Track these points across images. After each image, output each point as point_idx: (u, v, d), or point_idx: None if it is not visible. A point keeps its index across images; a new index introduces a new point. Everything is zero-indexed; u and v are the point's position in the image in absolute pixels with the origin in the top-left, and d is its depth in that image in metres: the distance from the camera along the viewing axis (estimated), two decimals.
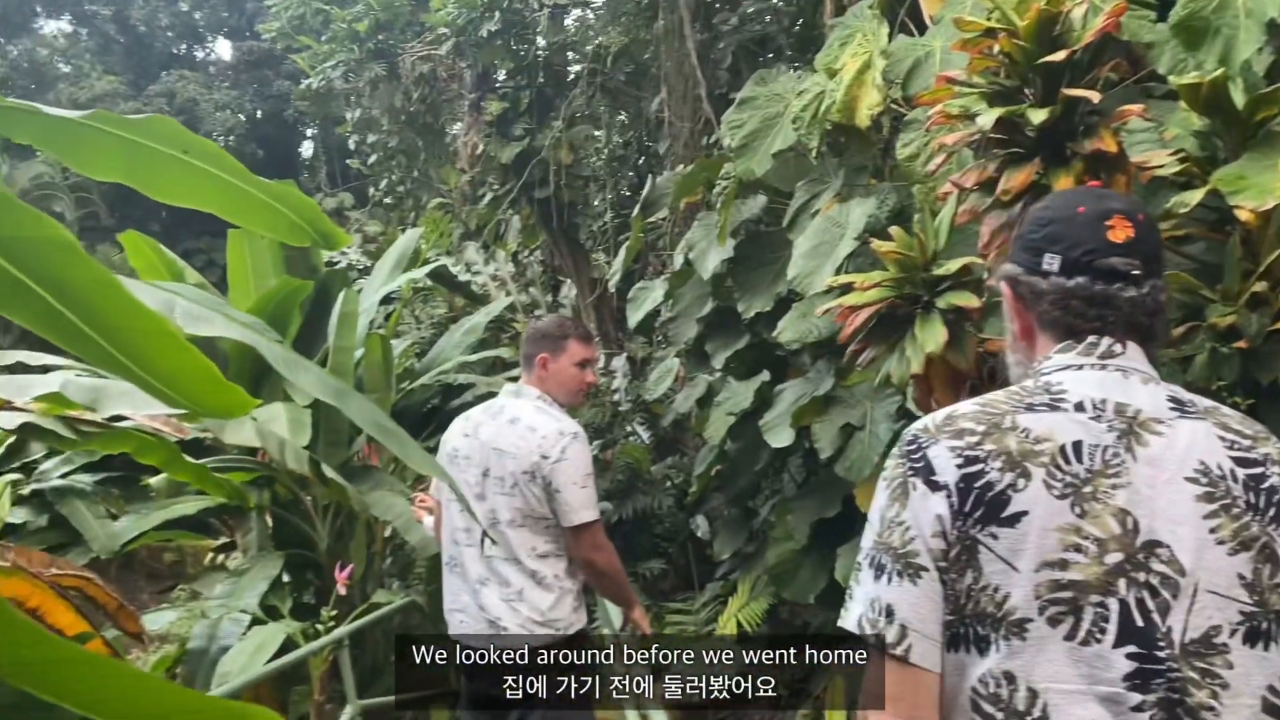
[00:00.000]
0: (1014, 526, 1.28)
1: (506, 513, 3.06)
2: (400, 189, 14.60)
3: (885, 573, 1.33)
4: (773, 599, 5.69)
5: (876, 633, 1.31)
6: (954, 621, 1.31)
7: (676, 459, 8.40)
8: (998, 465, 1.30)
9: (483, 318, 7.66)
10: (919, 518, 1.33)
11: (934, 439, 1.37)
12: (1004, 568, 1.28)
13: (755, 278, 5.29)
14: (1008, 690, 1.26)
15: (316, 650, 4.32)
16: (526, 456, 3.03)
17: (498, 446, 3.08)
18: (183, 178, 1.95)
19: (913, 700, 1.31)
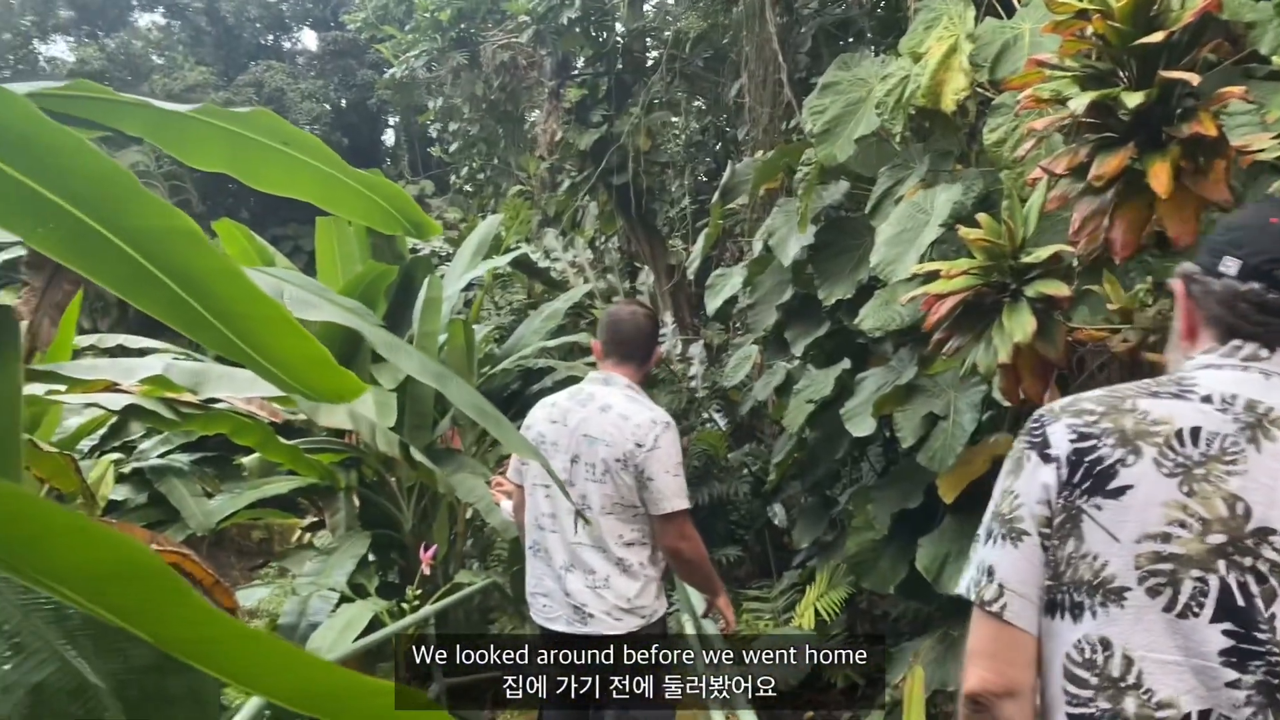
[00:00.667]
0: (1118, 499, 1.32)
1: (596, 500, 3.07)
2: (480, 176, 14.77)
3: (992, 537, 1.42)
4: (851, 588, 5.66)
5: (978, 592, 1.40)
6: (1053, 587, 1.36)
7: (753, 446, 8.39)
8: (1110, 442, 1.35)
9: (562, 304, 7.74)
10: (1028, 486, 1.39)
11: (1056, 418, 1.43)
12: (1105, 537, 1.32)
13: (836, 264, 5.24)
14: (1103, 656, 1.30)
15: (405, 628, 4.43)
16: (620, 444, 3.04)
17: (588, 433, 3.09)
18: (282, 168, 2.02)
19: (1008, 658, 1.36)
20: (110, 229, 0.92)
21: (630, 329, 3.28)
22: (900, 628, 6.11)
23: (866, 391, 4.86)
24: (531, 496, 3.20)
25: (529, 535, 3.21)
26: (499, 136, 13.78)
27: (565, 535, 3.10)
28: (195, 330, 1.05)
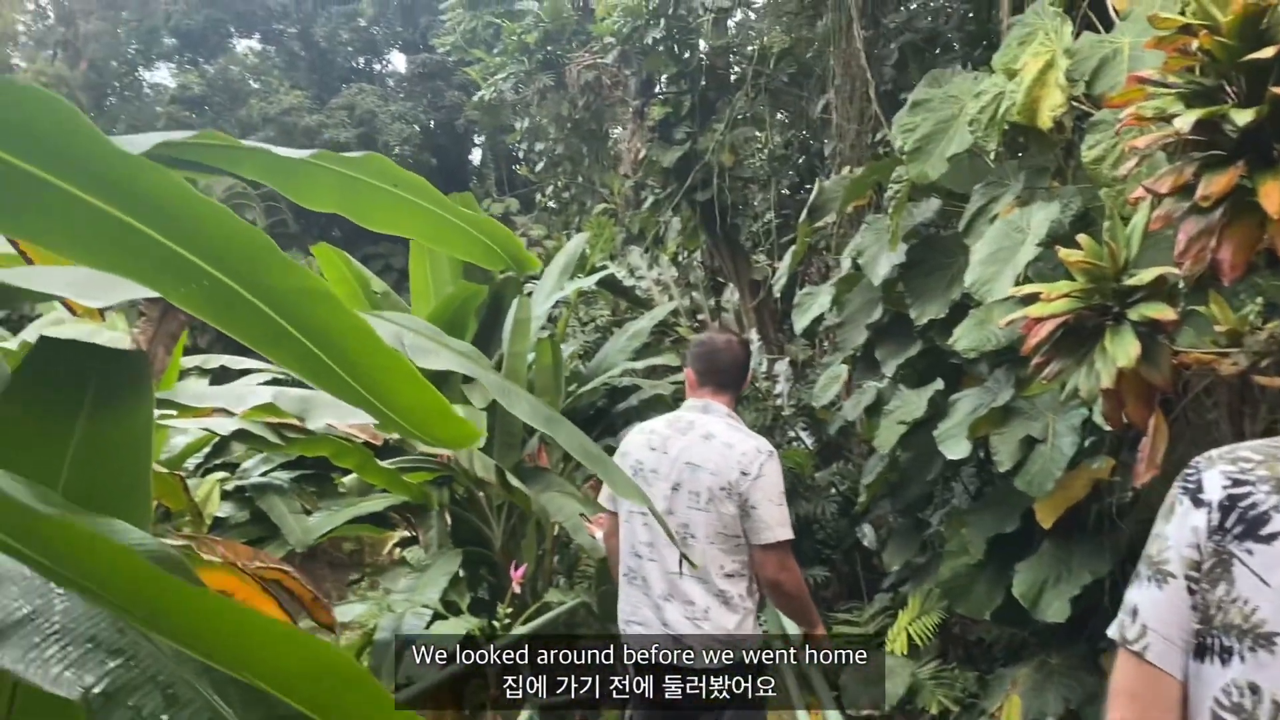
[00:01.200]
0: (1270, 544, 1.30)
1: (700, 528, 3.05)
2: (565, 195, 14.94)
3: (1139, 579, 1.42)
4: (945, 613, 5.55)
5: (1121, 631, 1.40)
6: (1202, 631, 1.35)
7: (841, 465, 8.29)
8: (1266, 489, 1.34)
9: (647, 322, 7.77)
10: (1178, 530, 1.39)
11: (1211, 464, 1.42)
12: (1256, 583, 1.30)
13: (928, 283, 5.17)
14: (1251, 701, 1.28)
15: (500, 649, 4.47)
16: (725, 472, 3.03)
17: (691, 460, 3.08)
18: (391, 209, 2.09)
19: (1148, 698, 1.36)
20: (248, 289, 0.96)
21: (728, 358, 3.29)
22: (994, 653, 5.98)
23: (961, 413, 4.78)
24: (628, 524, 3.19)
25: (624, 562, 3.20)
26: (583, 155, 13.94)
27: (664, 565, 3.07)
28: (322, 380, 1.09)
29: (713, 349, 3.31)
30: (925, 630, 5.55)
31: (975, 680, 5.58)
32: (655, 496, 3.06)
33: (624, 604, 3.21)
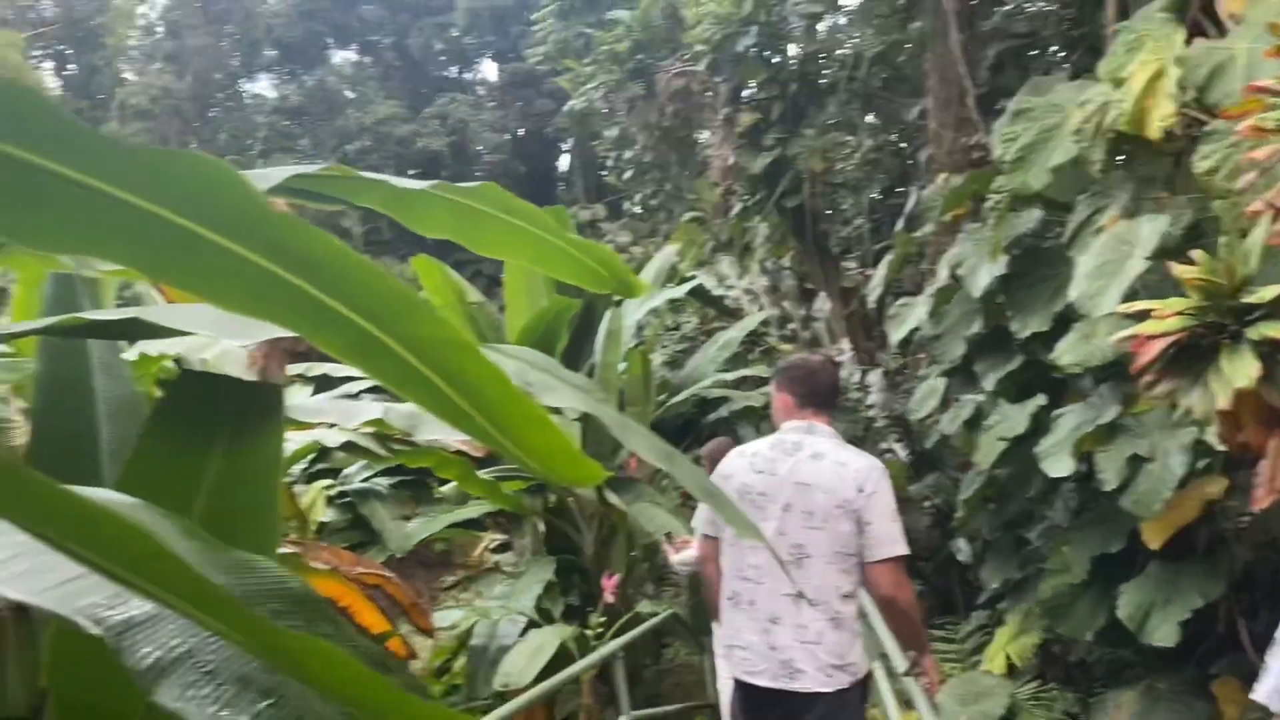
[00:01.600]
0: None
1: (817, 549, 3.01)
2: (653, 202, 14.99)
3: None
4: (1045, 633, 5.41)
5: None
6: None
7: (936, 478, 8.15)
8: None
9: (738, 333, 7.76)
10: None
11: None
12: None
13: (1031, 296, 5.06)
14: None
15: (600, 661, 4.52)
16: (839, 490, 2.99)
17: (802, 481, 3.04)
18: (502, 235, 2.13)
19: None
20: (390, 335, 1.00)
21: (826, 380, 3.29)
22: (1095, 675, 5.81)
23: (1064, 429, 4.66)
24: (734, 547, 3.14)
25: (728, 585, 3.14)
26: (671, 163, 13.96)
27: (776, 587, 3.02)
28: (456, 420, 1.13)
29: (810, 371, 3.29)
30: (1025, 651, 5.42)
31: (1076, 702, 5.43)
32: (767, 519, 3.03)
33: (727, 627, 3.16)
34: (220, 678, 0.87)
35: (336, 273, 0.94)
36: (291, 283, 0.97)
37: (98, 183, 0.83)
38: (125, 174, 0.83)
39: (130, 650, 0.85)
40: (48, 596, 0.88)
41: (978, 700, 5.07)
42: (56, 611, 0.87)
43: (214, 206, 0.89)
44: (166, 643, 0.88)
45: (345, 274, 0.94)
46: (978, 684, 5.23)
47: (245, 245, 0.93)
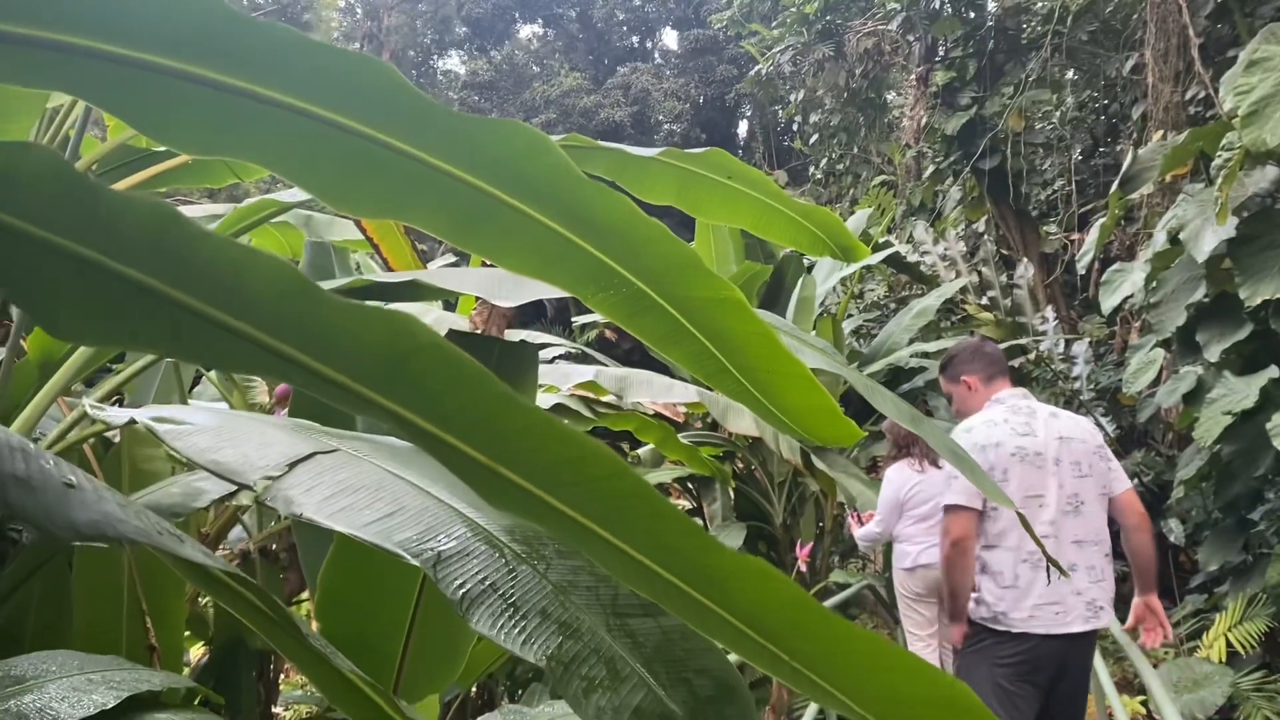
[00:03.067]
0: None
1: (1088, 494, 3.22)
2: (839, 166, 14.70)
3: None
4: (1272, 620, 5.06)
5: None
6: None
7: (1145, 454, 7.71)
8: None
9: (934, 300, 7.51)
10: None
11: None
12: None
13: (1262, 260, 4.71)
14: None
15: None
16: (1090, 439, 3.31)
17: (1063, 435, 3.27)
18: (723, 200, 2.16)
19: None
20: (664, 297, 1.04)
21: (997, 351, 3.64)
22: None
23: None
24: (1024, 510, 3.14)
25: (1022, 548, 3.17)
26: (859, 125, 13.63)
27: (1067, 537, 3.19)
28: (714, 379, 1.16)
29: (980, 349, 3.60)
30: (1248, 637, 5.08)
31: None
32: (1047, 475, 3.21)
33: (1030, 591, 3.15)
34: (522, 610, 0.93)
35: (625, 236, 0.98)
36: (579, 245, 1.02)
37: (420, 152, 0.90)
38: (442, 141, 0.89)
39: (446, 581, 0.93)
40: (368, 530, 0.97)
41: (1194, 688, 4.80)
42: (379, 544, 0.95)
43: (521, 172, 0.94)
44: (475, 575, 0.95)
45: (633, 237, 0.98)
46: (1194, 670, 4.94)
47: (543, 209, 0.98)
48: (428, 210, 0.99)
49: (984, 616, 3.22)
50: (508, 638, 0.90)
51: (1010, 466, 3.19)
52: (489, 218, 0.99)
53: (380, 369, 0.77)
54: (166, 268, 0.75)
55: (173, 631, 2.53)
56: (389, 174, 0.93)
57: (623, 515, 0.82)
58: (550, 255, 1.04)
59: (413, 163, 0.91)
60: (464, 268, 1.54)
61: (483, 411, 0.79)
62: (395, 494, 1.04)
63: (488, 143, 0.89)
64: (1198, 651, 5.28)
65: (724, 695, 0.97)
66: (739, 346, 1.08)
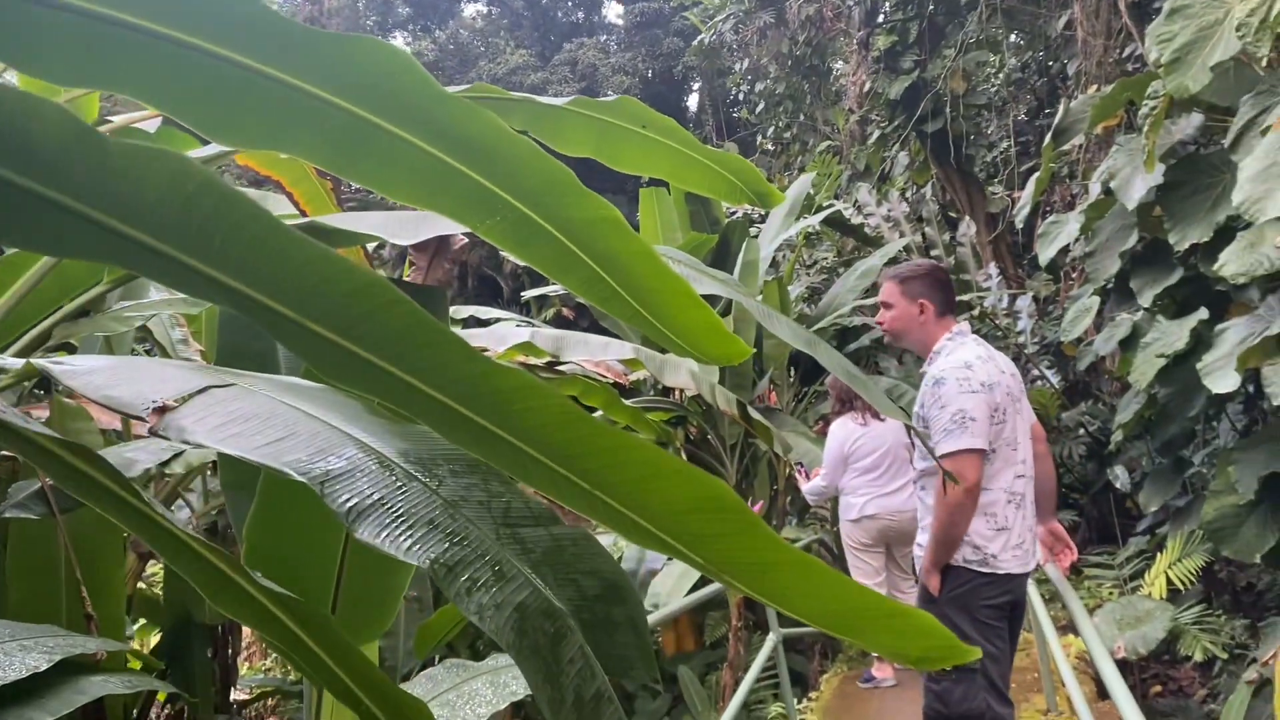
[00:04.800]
0: None
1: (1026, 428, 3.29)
2: (786, 135, 14.76)
3: None
4: (1209, 556, 5.22)
5: None
6: None
7: (1090, 404, 7.87)
8: None
9: (878, 260, 7.60)
10: None
11: None
12: None
13: (1189, 206, 4.81)
14: None
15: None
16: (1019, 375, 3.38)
17: (1014, 373, 3.30)
18: (641, 150, 2.18)
19: None
20: (549, 220, 1.06)
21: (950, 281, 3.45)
22: (1266, 602, 5.57)
23: (1228, 344, 4.44)
24: (1011, 448, 3.17)
25: (1008, 488, 3.16)
26: (804, 92, 13.69)
27: (1029, 476, 3.25)
28: (607, 304, 1.18)
29: (948, 279, 3.40)
30: (1187, 574, 5.23)
31: (1245, 628, 5.23)
32: (1021, 412, 3.24)
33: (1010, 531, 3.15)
34: (410, 521, 0.96)
35: (501, 157, 1.00)
36: (459, 170, 1.04)
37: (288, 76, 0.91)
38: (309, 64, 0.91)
39: (332, 497, 0.95)
40: (258, 453, 0.99)
41: (1137, 624, 4.94)
42: (268, 464, 0.97)
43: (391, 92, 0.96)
44: (362, 491, 0.98)
45: (508, 157, 1.00)
46: (1137, 608, 5.08)
47: (418, 133, 1.00)
48: (306, 139, 1.01)
49: (971, 559, 3.11)
50: (393, 545, 0.93)
51: (1008, 407, 3.14)
52: (366, 144, 1.00)
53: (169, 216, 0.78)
54: None
55: (112, 603, 2.53)
56: (262, 101, 0.95)
57: (404, 347, 0.86)
58: (432, 182, 1.06)
59: (283, 88, 0.93)
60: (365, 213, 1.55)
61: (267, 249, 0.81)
62: (288, 421, 1.06)
63: (353, 63, 0.91)
64: (1140, 590, 5.43)
65: (611, 594, 1.01)
66: (624, 267, 1.11)
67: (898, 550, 5.40)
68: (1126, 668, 5.60)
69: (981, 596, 3.13)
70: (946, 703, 3.14)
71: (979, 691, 3.12)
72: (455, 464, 1.10)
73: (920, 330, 3.30)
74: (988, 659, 3.12)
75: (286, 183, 3.20)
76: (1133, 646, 4.85)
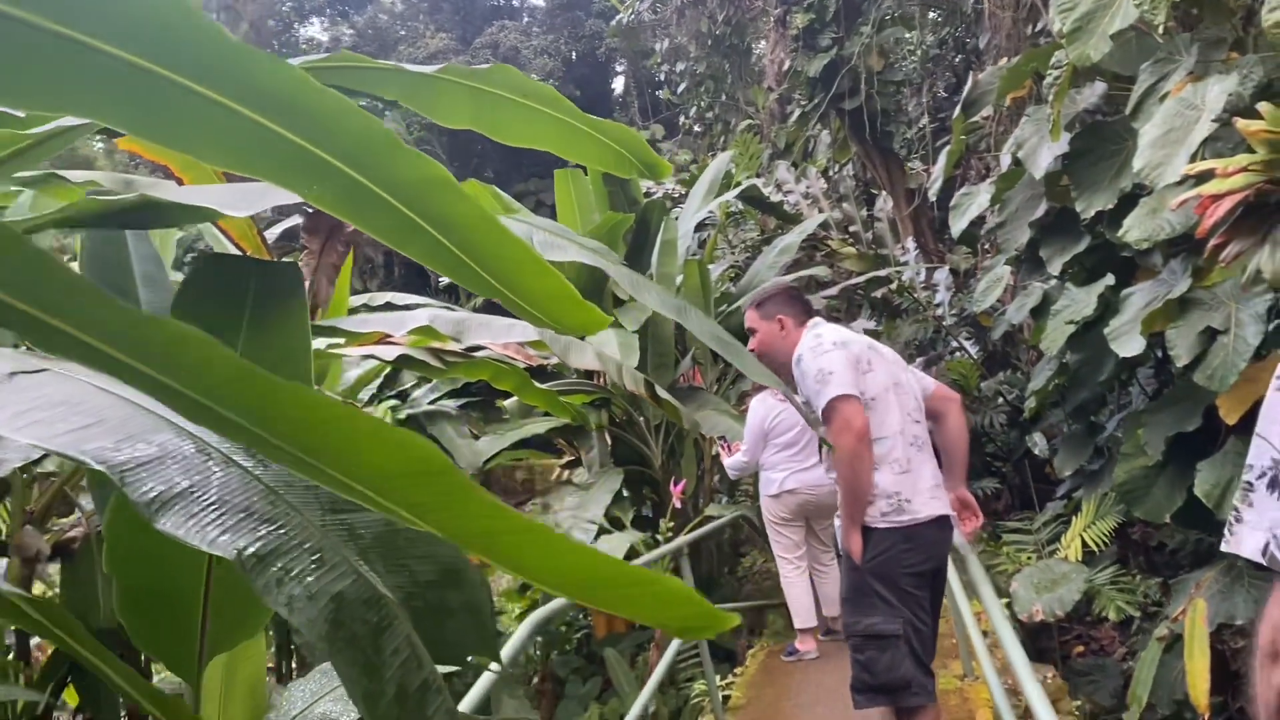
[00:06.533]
0: None
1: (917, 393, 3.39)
2: (709, 115, 14.74)
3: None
4: (1121, 518, 5.33)
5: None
6: None
7: (1008, 374, 8.00)
8: None
9: (795, 237, 7.62)
10: None
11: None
12: None
13: (1095, 173, 4.88)
14: None
15: (659, 557, 4.59)
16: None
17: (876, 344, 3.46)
18: (522, 120, 2.11)
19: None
20: (375, 182, 1.00)
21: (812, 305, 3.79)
22: (1179, 560, 5.71)
23: (1134, 308, 4.52)
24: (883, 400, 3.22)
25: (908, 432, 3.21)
26: (725, 73, 13.68)
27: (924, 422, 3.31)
28: (454, 272, 1.12)
29: (801, 295, 3.70)
30: (1101, 535, 5.34)
31: (1158, 587, 5.36)
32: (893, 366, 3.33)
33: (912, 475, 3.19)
34: (223, 509, 0.89)
35: (308, 111, 0.93)
36: (271, 129, 0.96)
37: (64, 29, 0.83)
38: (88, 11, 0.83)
39: (134, 486, 0.88)
40: (57, 441, 0.91)
41: (1053, 587, 5.03)
42: (65, 453, 0.90)
43: (182, 42, 0.88)
44: (170, 479, 0.91)
45: (319, 113, 0.93)
46: (1053, 571, 5.18)
47: (215, 87, 0.92)
48: (98, 99, 0.93)
49: (888, 513, 3.13)
50: (199, 536, 0.87)
51: (872, 357, 3.25)
52: (165, 103, 0.92)
53: None
54: None
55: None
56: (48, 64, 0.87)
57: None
58: (245, 144, 0.98)
59: (61, 41, 0.85)
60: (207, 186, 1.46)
61: None
62: (98, 406, 0.99)
63: (129, 13, 0.83)
64: (1056, 554, 5.53)
65: (447, 580, 0.96)
66: (463, 233, 1.05)
67: (817, 524, 5.44)
68: (1047, 630, 5.71)
69: (903, 564, 3.12)
70: (873, 671, 3.14)
71: (903, 660, 3.11)
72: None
73: (784, 342, 3.46)
74: (910, 629, 3.12)
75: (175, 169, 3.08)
76: (1050, 609, 4.94)
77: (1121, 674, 5.40)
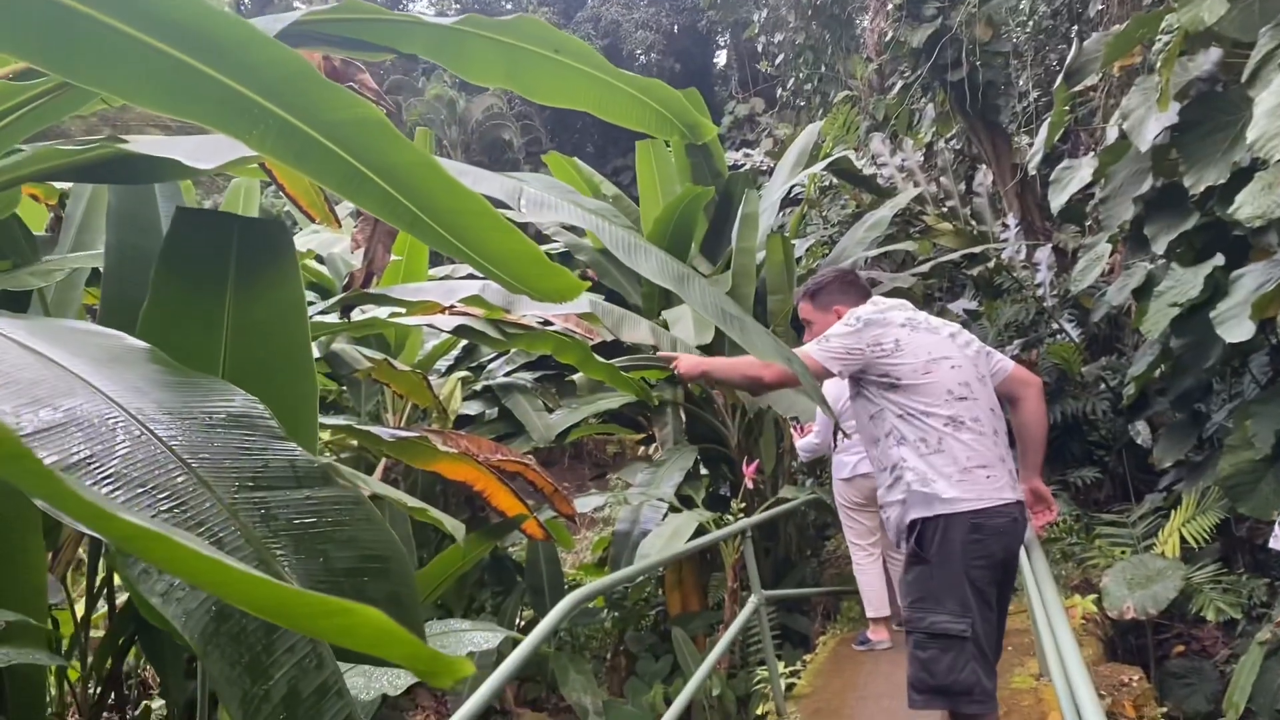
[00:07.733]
0: None
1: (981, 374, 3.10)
2: (807, 87, 14.40)
3: None
4: (1225, 513, 5.00)
5: None
6: None
7: (1112, 359, 7.60)
8: None
9: (887, 211, 7.35)
10: None
11: None
12: None
13: (1205, 146, 4.55)
14: None
15: (721, 538, 4.48)
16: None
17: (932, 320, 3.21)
18: (557, 78, 2.00)
19: None
20: (307, 124, 0.91)
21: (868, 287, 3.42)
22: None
23: (1244, 291, 4.20)
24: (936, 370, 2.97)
25: (947, 409, 2.93)
26: (825, 43, 13.31)
27: (981, 401, 2.99)
28: (414, 228, 1.03)
29: (857, 279, 3.38)
30: (1201, 531, 5.01)
31: (1265, 588, 5.01)
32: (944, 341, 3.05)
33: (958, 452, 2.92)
34: (119, 482, 0.82)
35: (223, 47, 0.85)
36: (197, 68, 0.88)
37: None
38: None
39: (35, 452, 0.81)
40: None
41: (1147, 583, 4.75)
42: None
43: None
44: (69, 448, 0.84)
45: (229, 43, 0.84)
46: (1148, 566, 4.88)
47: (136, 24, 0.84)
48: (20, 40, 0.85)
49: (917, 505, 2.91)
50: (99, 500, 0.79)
51: (900, 336, 2.99)
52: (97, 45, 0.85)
53: None
54: None
55: (30, 572, 2.43)
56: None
57: None
58: (177, 86, 0.90)
59: None
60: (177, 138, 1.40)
61: None
62: (12, 365, 0.92)
63: None
64: (1153, 549, 5.22)
65: (369, 569, 0.86)
66: (407, 181, 0.95)
67: None
68: (1139, 628, 5.41)
69: (971, 555, 2.86)
70: (933, 672, 2.92)
71: (968, 661, 2.89)
72: (218, 414, 0.95)
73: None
74: (976, 627, 2.91)
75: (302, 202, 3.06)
76: (1142, 606, 4.66)
77: (1220, 678, 5.08)
